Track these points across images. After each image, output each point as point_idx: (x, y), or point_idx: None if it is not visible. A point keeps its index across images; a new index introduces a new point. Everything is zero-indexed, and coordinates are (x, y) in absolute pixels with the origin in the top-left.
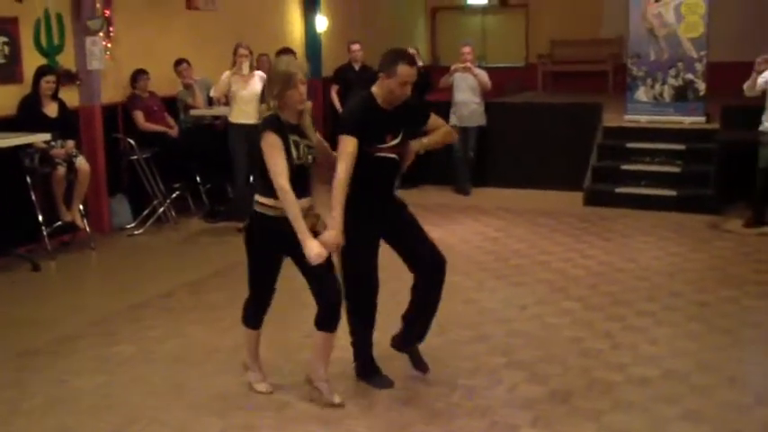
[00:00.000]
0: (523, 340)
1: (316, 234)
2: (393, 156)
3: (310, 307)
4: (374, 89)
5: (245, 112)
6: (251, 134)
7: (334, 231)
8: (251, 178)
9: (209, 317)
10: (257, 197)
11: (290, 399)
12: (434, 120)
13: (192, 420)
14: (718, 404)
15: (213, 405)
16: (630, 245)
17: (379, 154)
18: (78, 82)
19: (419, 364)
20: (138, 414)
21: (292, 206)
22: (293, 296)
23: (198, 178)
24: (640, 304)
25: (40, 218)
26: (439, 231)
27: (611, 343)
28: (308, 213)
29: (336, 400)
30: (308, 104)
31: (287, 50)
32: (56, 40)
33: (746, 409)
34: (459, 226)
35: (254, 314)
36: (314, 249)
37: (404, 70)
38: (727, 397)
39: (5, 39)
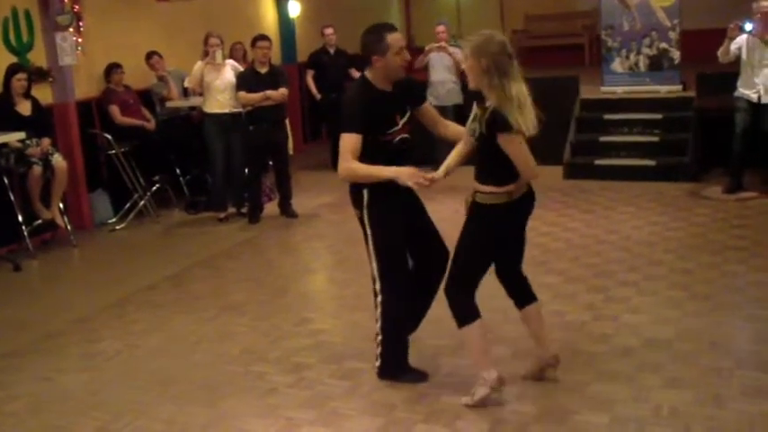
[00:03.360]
0: (505, 316)
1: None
2: (406, 135)
3: (297, 295)
4: (368, 74)
5: (219, 101)
6: (226, 123)
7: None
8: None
9: (192, 308)
10: (482, 187)
11: (277, 385)
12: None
13: (179, 412)
14: (700, 370)
15: (200, 395)
16: (611, 216)
17: (395, 139)
18: (51, 79)
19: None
20: (125, 409)
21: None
22: (281, 284)
23: (177, 170)
24: (622, 275)
25: (20, 218)
26: None
27: (593, 314)
28: None
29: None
30: None
31: (262, 37)
32: (25, 38)
33: (727, 373)
34: (439, 205)
35: (473, 303)
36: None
37: (393, 38)
38: (709, 362)
39: None
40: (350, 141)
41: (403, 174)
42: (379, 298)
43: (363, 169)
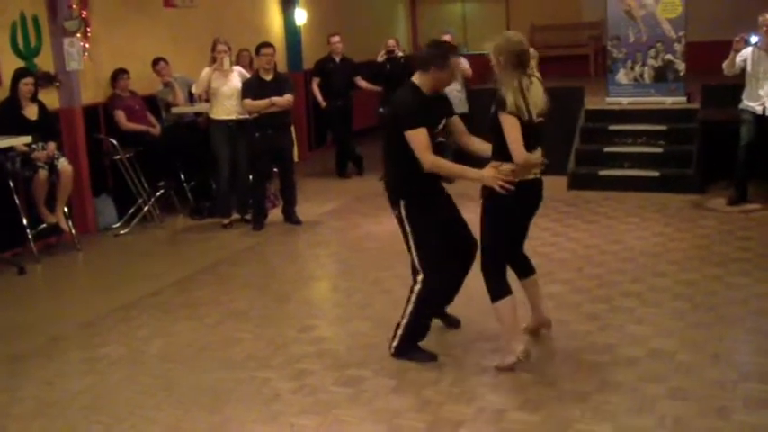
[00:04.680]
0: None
1: None
2: (442, 138)
3: (301, 302)
4: (417, 81)
5: (225, 108)
6: (232, 130)
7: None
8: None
9: (196, 314)
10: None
11: (280, 391)
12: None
13: (182, 417)
14: (704, 381)
15: (203, 401)
16: (615, 227)
17: (436, 140)
18: (57, 84)
19: (452, 322)
20: (128, 413)
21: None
22: (285, 291)
23: (182, 176)
24: (626, 285)
25: (25, 221)
26: None
27: (597, 325)
28: None
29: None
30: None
31: (266, 44)
32: (33, 43)
33: (731, 384)
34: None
35: (504, 281)
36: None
37: (455, 61)
38: (713, 374)
39: None
40: (420, 137)
41: (487, 178)
42: (419, 285)
43: (448, 166)
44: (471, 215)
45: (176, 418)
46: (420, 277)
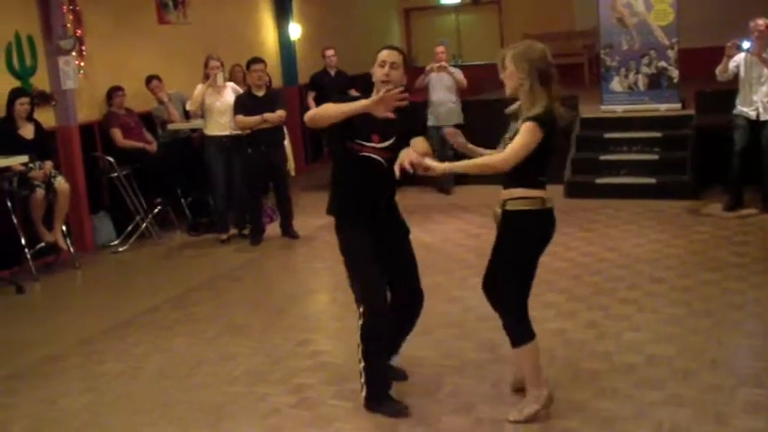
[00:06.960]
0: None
1: None
2: (379, 159)
3: (299, 316)
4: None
5: (219, 123)
6: (227, 146)
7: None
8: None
9: (194, 330)
10: (512, 191)
11: (279, 405)
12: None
13: None
14: (701, 387)
15: (201, 417)
16: (612, 234)
17: (363, 153)
18: (53, 102)
19: (397, 374)
20: (127, 430)
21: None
22: (283, 305)
23: (179, 192)
24: (623, 292)
25: (23, 240)
26: (420, 231)
27: (595, 332)
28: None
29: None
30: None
31: (257, 60)
32: (28, 62)
33: (729, 390)
34: (440, 225)
35: (528, 322)
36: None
37: (380, 54)
38: (710, 379)
39: None
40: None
41: (372, 103)
42: (361, 320)
43: (323, 110)
44: (466, 225)
45: None
46: (361, 308)
